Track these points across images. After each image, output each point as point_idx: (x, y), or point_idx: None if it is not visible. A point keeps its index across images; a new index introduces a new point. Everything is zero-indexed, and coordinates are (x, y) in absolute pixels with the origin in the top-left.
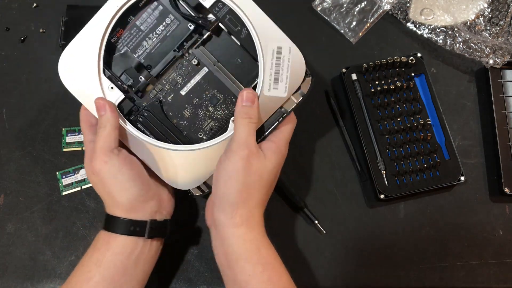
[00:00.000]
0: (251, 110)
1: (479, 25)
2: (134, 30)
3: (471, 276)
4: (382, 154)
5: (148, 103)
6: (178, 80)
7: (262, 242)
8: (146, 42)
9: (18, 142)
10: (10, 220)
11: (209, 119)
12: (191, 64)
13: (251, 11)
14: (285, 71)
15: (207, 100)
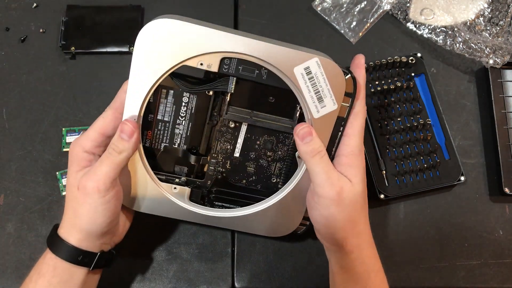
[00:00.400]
0: (314, 144)
1: (479, 25)
2: (160, 125)
3: (471, 276)
4: (382, 154)
5: (212, 181)
6: (227, 147)
7: (373, 265)
8: (178, 129)
9: (18, 142)
10: (10, 220)
11: (273, 162)
12: (230, 127)
13: (259, 49)
14: (324, 86)
15: (262, 148)
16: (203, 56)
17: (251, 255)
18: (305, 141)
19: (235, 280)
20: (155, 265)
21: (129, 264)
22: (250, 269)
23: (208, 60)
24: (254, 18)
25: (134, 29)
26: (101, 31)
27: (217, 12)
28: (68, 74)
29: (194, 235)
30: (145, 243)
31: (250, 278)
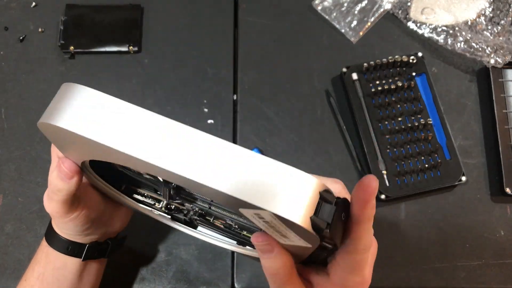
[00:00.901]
0: (273, 264)
1: (480, 25)
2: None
3: (472, 277)
4: (383, 154)
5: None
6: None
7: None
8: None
9: (17, 142)
10: (9, 221)
11: (241, 231)
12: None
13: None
14: (286, 231)
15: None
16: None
17: None
18: (264, 257)
19: (235, 280)
20: (155, 266)
21: (129, 264)
22: (250, 270)
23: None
24: (254, 18)
25: (134, 29)
26: (101, 30)
27: (217, 12)
28: (67, 74)
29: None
30: (145, 243)
31: (250, 278)
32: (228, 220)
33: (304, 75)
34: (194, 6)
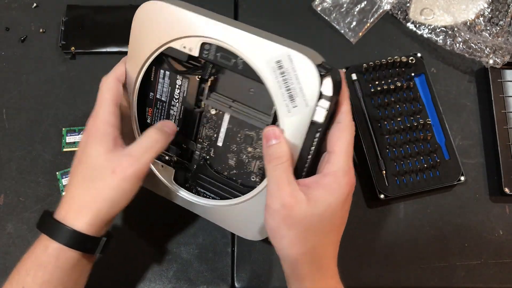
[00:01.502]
0: (276, 148)
1: (479, 25)
2: (159, 104)
3: (471, 276)
4: (382, 154)
5: (196, 165)
6: (211, 134)
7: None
8: (172, 111)
9: (18, 142)
10: (10, 220)
11: (253, 159)
12: (212, 114)
13: (235, 37)
14: (296, 84)
15: (243, 142)
16: (185, 39)
17: (251, 255)
18: (269, 143)
19: (235, 280)
20: (155, 265)
21: (129, 264)
22: (250, 269)
23: (190, 44)
24: (254, 18)
25: None
26: (101, 31)
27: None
28: (68, 74)
29: (194, 235)
30: (145, 243)
31: (250, 278)
32: (236, 145)
33: None
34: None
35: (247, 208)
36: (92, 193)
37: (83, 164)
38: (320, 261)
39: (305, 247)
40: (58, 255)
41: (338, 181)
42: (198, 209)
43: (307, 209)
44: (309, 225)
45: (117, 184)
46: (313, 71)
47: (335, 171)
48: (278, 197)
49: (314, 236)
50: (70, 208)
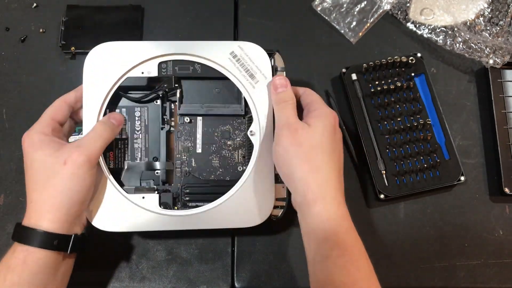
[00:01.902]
0: (286, 93)
1: (479, 25)
2: (120, 143)
3: (471, 276)
4: (382, 154)
5: (181, 182)
6: (188, 145)
7: (339, 223)
8: (136, 144)
9: (18, 142)
10: (10, 220)
11: (235, 150)
12: (186, 125)
13: (186, 48)
14: (251, 64)
15: (221, 139)
16: (142, 64)
17: (251, 255)
18: (280, 90)
19: (235, 280)
20: (155, 265)
21: (130, 263)
22: (250, 269)
23: (148, 68)
24: (254, 18)
25: (134, 29)
26: (101, 31)
27: (217, 12)
28: (68, 74)
29: (194, 235)
30: (145, 243)
31: (250, 278)
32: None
33: (303, 75)
34: (194, 6)
35: (241, 195)
36: (49, 190)
37: (33, 170)
38: (327, 184)
39: (312, 165)
40: (25, 258)
41: (325, 111)
42: (195, 221)
43: (309, 130)
44: (313, 144)
45: (71, 173)
46: (261, 50)
47: (321, 107)
48: (287, 125)
49: (317, 154)
50: (33, 212)
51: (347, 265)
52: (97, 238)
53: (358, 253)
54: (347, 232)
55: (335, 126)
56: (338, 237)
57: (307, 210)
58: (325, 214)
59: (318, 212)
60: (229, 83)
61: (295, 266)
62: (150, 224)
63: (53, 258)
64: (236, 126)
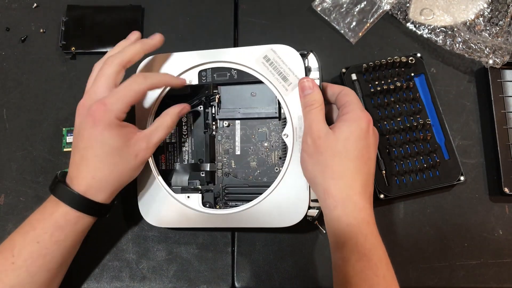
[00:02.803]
0: (312, 96)
1: (479, 25)
2: (170, 147)
3: (470, 276)
4: (382, 154)
5: (222, 182)
6: (228, 148)
7: (359, 229)
8: (184, 147)
9: (18, 142)
10: (11, 220)
11: (271, 152)
12: (225, 128)
13: (223, 55)
14: (284, 67)
15: (258, 141)
16: (184, 74)
17: (251, 255)
18: (305, 93)
19: (235, 280)
20: (156, 265)
21: (129, 264)
22: (250, 269)
23: (189, 76)
24: (254, 18)
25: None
26: (101, 31)
27: (217, 12)
28: (68, 74)
29: (194, 235)
30: (145, 243)
31: (250, 278)
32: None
33: None
34: (194, 6)
35: (277, 196)
36: (115, 175)
37: (102, 151)
38: (349, 190)
39: (333, 172)
40: (76, 221)
41: (357, 113)
42: (232, 221)
43: (332, 137)
44: (336, 150)
45: (138, 166)
46: (293, 52)
47: (353, 109)
48: (310, 133)
49: (340, 161)
50: (91, 187)
51: (365, 270)
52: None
53: (377, 258)
54: (367, 238)
55: (367, 130)
56: (358, 242)
57: (328, 214)
58: (345, 219)
59: (338, 217)
60: (264, 86)
61: (295, 266)
62: (193, 222)
63: (93, 220)
64: (272, 128)
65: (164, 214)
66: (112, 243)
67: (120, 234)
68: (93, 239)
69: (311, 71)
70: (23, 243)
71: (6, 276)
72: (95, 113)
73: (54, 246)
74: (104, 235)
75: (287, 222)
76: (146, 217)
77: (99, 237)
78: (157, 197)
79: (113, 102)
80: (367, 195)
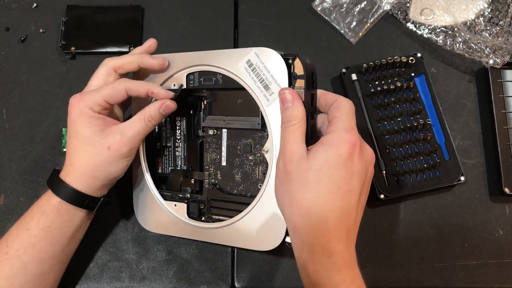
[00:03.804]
0: (290, 111)
1: (479, 25)
2: (166, 150)
3: (471, 276)
4: (382, 154)
5: (207, 193)
6: (215, 157)
7: (328, 277)
8: (178, 152)
9: (18, 142)
10: (10, 220)
11: (255, 166)
12: (211, 136)
13: (208, 58)
14: (267, 73)
15: (243, 153)
16: (173, 76)
17: (251, 255)
18: (285, 106)
19: (235, 280)
20: (155, 265)
21: (129, 264)
22: (250, 269)
23: (178, 80)
24: (254, 18)
25: (134, 29)
26: (101, 31)
27: (217, 12)
28: (68, 74)
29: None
30: (145, 243)
31: (250, 278)
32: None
33: None
34: (194, 6)
35: (254, 217)
36: (89, 164)
37: (77, 140)
38: (317, 231)
39: (303, 208)
40: (59, 207)
41: (339, 136)
42: (213, 236)
43: (305, 163)
44: (306, 181)
45: (113, 159)
46: (276, 56)
47: (336, 128)
48: (283, 155)
49: (310, 194)
50: (72, 174)
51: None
52: (97, 238)
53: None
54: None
55: (349, 156)
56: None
57: (297, 256)
58: (311, 266)
59: (304, 262)
60: (249, 94)
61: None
62: (178, 231)
63: (81, 213)
64: (257, 140)
65: (154, 219)
66: (112, 243)
67: (120, 234)
68: (93, 239)
69: (296, 79)
70: (15, 232)
71: (1, 268)
72: (71, 102)
73: (41, 233)
74: (104, 235)
75: (264, 246)
76: (139, 220)
77: (99, 238)
78: (147, 201)
79: (89, 93)
80: (342, 235)
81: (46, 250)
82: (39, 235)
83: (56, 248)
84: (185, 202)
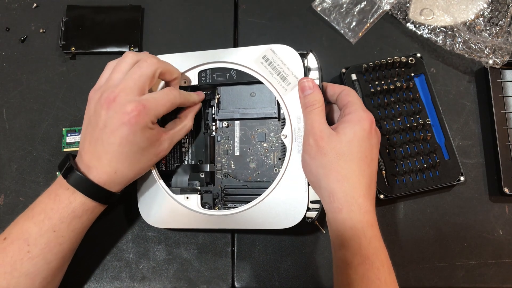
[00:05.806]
0: (313, 97)
1: (479, 25)
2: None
3: (471, 276)
4: (382, 154)
5: (221, 183)
6: (227, 149)
7: (363, 232)
8: (184, 148)
9: (18, 142)
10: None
11: (271, 153)
12: (224, 129)
13: (222, 55)
14: (283, 67)
15: (257, 142)
16: (184, 74)
17: (251, 255)
18: (305, 93)
19: (235, 280)
20: (156, 265)
21: (129, 264)
22: (250, 269)
23: (190, 77)
24: (254, 18)
25: (134, 29)
26: (101, 31)
27: (217, 12)
28: (68, 74)
29: (194, 235)
30: (145, 243)
31: (250, 278)
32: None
33: None
34: (194, 6)
35: (275, 198)
36: (135, 171)
37: (134, 150)
38: (354, 192)
39: (338, 174)
40: (93, 210)
41: (360, 114)
42: (231, 222)
43: (335, 138)
44: (340, 152)
45: (155, 162)
46: (292, 52)
47: (356, 109)
48: (312, 133)
49: (345, 163)
50: (111, 180)
51: (367, 273)
52: (97, 237)
53: (380, 262)
54: (370, 241)
55: (370, 131)
56: (361, 246)
57: (333, 217)
58: (350, 222)
59: (343, 220)
60: (264, 87)
61: (295, 266)
62: (192, 223)
63: (100, 208)
64: (272, 129)
65: (164, 215)
66: (112, 243)
67: (120, 234)
68: (93, 239)
69: (310, 71)
70: (39, 233)
71: (22, 265)
72: (133, 112)
73: (71, 234)
74: (104, 235)
75: (285, 223)
76: (146, 218)
77: (99, 237)
78: (156, 197)
79: (152, 107)
80: (371, 197)
81: (71, 247)
82: (67, 236)
83: (78, 242)
84: (197, 193)
